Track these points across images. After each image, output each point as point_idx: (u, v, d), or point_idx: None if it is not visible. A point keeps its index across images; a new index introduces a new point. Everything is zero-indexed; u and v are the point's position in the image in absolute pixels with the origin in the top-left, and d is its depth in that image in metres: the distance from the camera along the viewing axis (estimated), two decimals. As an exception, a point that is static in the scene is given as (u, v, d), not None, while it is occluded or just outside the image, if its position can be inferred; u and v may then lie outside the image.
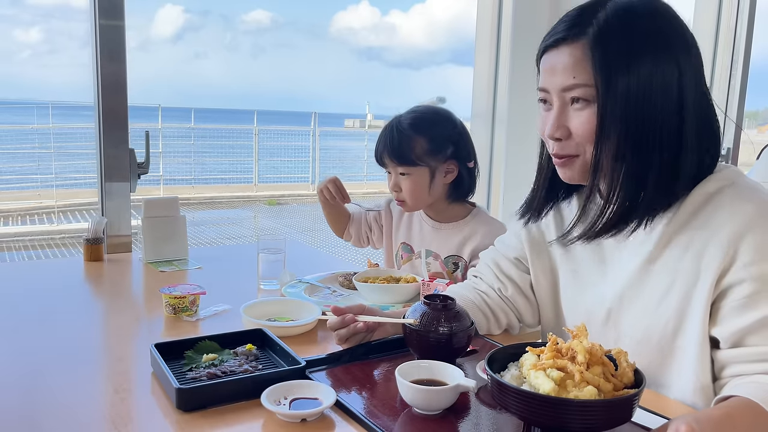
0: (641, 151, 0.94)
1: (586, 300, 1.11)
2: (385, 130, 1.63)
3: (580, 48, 0.94)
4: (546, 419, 0.76)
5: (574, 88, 0.95)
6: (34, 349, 1.18)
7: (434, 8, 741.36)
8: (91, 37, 1.97)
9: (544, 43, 1.00)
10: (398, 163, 1.58)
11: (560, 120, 0.98)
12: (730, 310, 0.92)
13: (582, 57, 0.94)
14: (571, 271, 1.14)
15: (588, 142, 0.96)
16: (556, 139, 0.99)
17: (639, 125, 0.92)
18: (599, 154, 0.95)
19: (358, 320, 1.11)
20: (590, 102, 0.94)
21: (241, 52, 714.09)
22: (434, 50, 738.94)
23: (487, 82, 2.65)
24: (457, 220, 1.66)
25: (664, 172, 0.95)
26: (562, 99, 0.97)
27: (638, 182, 0.95)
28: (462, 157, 1.61)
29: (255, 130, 12.06)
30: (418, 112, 1.62)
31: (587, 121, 0.95)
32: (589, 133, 0.95)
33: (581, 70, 0.94)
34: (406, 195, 1.60)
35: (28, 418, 0.91)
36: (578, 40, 0.94)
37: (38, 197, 8.94)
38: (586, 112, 0.95)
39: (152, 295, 1.54)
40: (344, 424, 0.89)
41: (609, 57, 0.92)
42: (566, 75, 0.95)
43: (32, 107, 10.91)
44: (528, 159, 2.53)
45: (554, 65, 0.97)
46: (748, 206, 0.92)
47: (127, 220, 2.05)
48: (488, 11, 2.62)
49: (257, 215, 10.36)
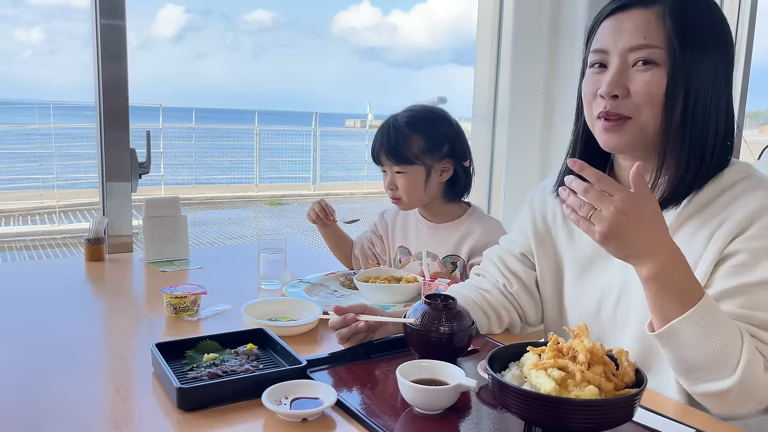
0: (704, 120, 0.97)
1: (594, 290, 1.11)
2: (381, 128, 1.63)
3: (655, 13, 0.97)
4: (547, 419, 0.76)
5: (643, 48, 0.97)
6: (36, 349, 1.18)
7: (436, 8, 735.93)
8: (92, 37, 1.98)
9: (612, 6, 1.02)
10: (394, 162, 1.59)
11: (620, 78, 0.99)
12: (719, 276, 0.95)
13: (656, 21, 0.97)
14: (578, 264, 1.15)
15: (646, 104, 0.98)
16: (613, 96, 0.99)
17: (703, 94, 0.96)
18: (670, 117, 0.97)
19: (359, 320, 1.11)
20: (657, 65, 0.97)
21: (242, 52, 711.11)
22: (436, 50, 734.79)
23: (488, 82, 2.65)
24: (453, 219, 1.66)
25: (718, 145, 0.98)
26: (624, 59, 0.99)
27: (703, 150, 0.98)
28: (458, 155, 1.62)
29: (256, 130, 12.06)
30: (414, 110, 1.63)
31: (652, 81, 0.97)
32: (651, 95, 0.97)
33: (653, 33, 0.97)
34: (402, 193, 1.61)
35: (29, 418, 0.91)
36: (653, 6, 0.98)
37: (39, 197, 8.94)
38: (652, 73, 0.97)
39: (153, 294, 1.54)
40: (345, 424, 0.89)
41: (686, 25, 0.96)
42: (636, 35, 0.98)
43: (33, 107, 10.92)
44: (529, 159, 2.53)
45: (621, 26, 1.00)
46: (761, 193, 0.96)
47: (128, 220, 2.06)
48: (489, 11, 2.62)
49: (258, 215, 10.36)
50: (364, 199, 11.81)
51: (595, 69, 1.03)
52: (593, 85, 1.02)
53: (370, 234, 1.85)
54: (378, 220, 1.84)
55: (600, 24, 1.03)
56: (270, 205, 11.09)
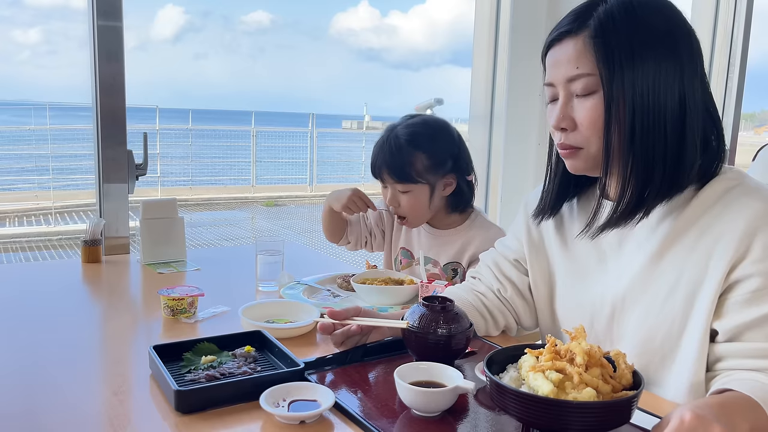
0: (647, 140, 0.95)
1: (586, 302, 1.11)
2: (382, 144, 1.59)
3: (582, 39, 0.97)
4: (545, 421, 0.76)
5: (578, 78, 0.97)
6: (32, 352, 1.17)
7: (434, 9, 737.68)
8: (89, 38, 1.97)
9: (549, 39, 1.03)
10: (397, 181, 1.56)
11: (565, 111, 1.00)
12: (734, 304, 0.93)
13: (584, 47, 0.96)
14: (570, 274, 1.14)
15: (593, 133, 0.98)
16: (561, 129, 1.01)
17: (644, 114, 0.94)
18: (609, 141, 0.97)
19: (350, 322, 1.11)
20: (595, 92, 0.96)
21: (240, 53, 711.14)
22: (433, 51, 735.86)
23: (485, 83, 2.66)
24: (455, 226, 1.65)
25: (669, 162, 0.96)
26: (567, 90, 0.99)
27: (647, 171, 0.96)
28: (461, 170, 1.60)
29: (253, 131, 12.06)
30: (416, 125, 1.59)
31: (591, 108, 0.97)
32: (593, 122, 0.97)
33: (584, 60, 0.96)
34: (407, 211, 1.59)
35: (26, 421, 0.91)
36: (581, 31, 0.97)
37: (35, 198, 8.92)
38: (590, 101, 0.97)
39: (150, 296, 1.54)
40: (343, 426, 0.89)
41: (611, 46, 0.94)
42: (570, 66, 0.98)
43: (29, 108, 10.89)
44: (526, 160, 2.54)
45: (558, 58, 1.00)
46: (758, 204, 0.93)
47: (125, 222, 2.05)
48: (486, 12, 2.63)
49: (255, 216, 10.35)
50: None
51: (549, 102, 1.05)
52: (549, 117, 1.04)
53: (372, 224, 1.80)
54: (385, 212, 1.78)
55: (545, 57, 1.05)
56: (267, 206, 11.08)
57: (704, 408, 0.76)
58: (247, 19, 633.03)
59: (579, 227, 1.11)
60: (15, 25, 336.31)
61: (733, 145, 3.06)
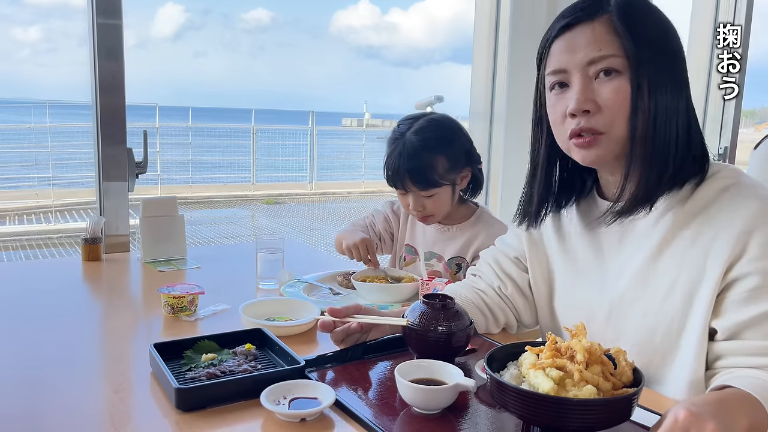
0: (668, 124, 0.96)
1: (585, 300, 1.11)
2: (399, 154, 1.56)
3: (603, 22, 0.96)
4: (545, 418, 0.76)
5: (602, 59, 0.96)
6: (32, 350, 1.17)
7: (434, 7, 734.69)
8: (89, 36, 1.97)
9: (558, 26, 1.01)
10: (423, 189, 1.56)
11: (587, 93, 0.97)
12: (732, 302, 0.93)
13: (606, 30, 0.96)
14: (570, 272, 1.14)
15: (618, 115, 0.96)
16: (584, 112, 0.97)
17: (666, 96, 0.95)
18: (635, 124, 0.95)
19: (350, 320, 1.11)
20: (620, 72, 0.95)
21: (240, 51, 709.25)
22: (433, 48, 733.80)
23: (485, 80, 2.65)
24: (461, 221, 1.66)
25: (681, 149, 0.97)
26: (585, 73, 0.97)
27: (666, 156, 0.96)
28: (474, 160, 1.64)
29: (253, 129, 12.05)
30: (427, 129, 1.58)
31: (617, 90, 0.95)
32: (620, 104, 0.95)
33: (607, 43, 0.96)
34: (432, 211, 1.61)
35: (27, 419, 0.91)
36: (599, 15, 0.97)
37: (35, 197, 8.92)
38: (615, 82, 0.95)
39: (151, 294, 1.54)
40: (344, 424, 0.89)
41: (637, 27, 0.95)
42: (591, 48, 0.96)
43: (29, 106, 10.89)
44: (526, 157, 2.53)
45: (575, 43, 0.98)
46: (754, 203, 0.94)
47: (125, 220, 2.05)
48: (486, 10, 2.62)
49: (255, 214, 10.35)
50: (361, 198, 11.80)
51: (557, 90, 1.01)
52: (560, 106, 1.01)
53: (381, 229, 1.78)
54: (389, 212, 1.78)
55: (550, 46, 1.02)
56: (267, 204, 11.08)
57: (700, 405, 0.76)
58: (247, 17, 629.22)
59: (578, 225, 1.11)
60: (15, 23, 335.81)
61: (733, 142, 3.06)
